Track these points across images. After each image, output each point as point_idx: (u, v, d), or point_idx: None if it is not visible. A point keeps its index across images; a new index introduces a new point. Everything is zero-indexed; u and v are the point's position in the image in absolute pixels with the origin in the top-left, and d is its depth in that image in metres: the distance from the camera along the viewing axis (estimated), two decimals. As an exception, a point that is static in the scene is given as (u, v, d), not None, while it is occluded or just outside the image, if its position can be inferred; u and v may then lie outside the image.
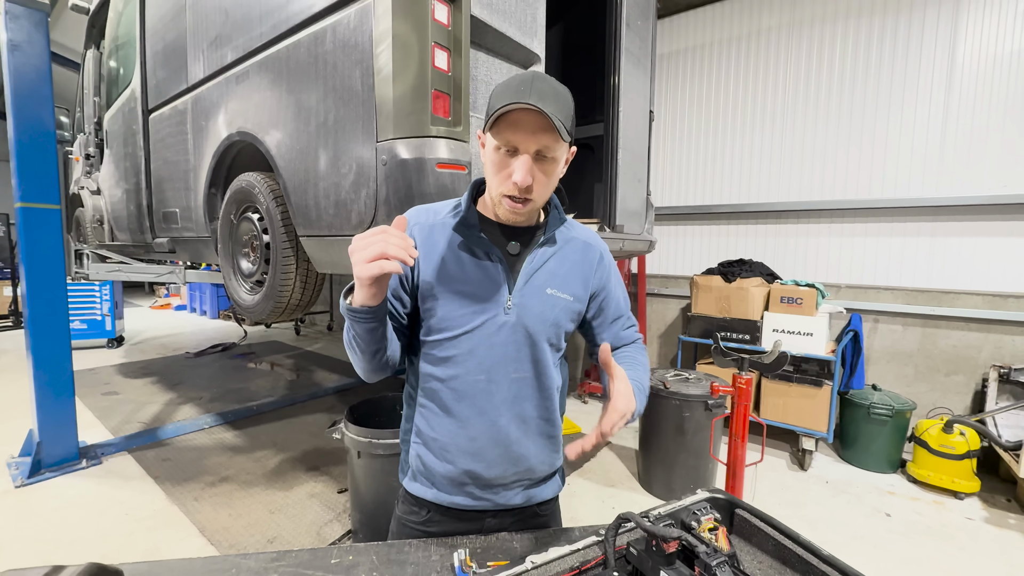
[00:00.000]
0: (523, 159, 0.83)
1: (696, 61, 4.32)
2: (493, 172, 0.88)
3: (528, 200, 0.88)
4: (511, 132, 0.83)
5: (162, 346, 6.64)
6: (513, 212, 0.90)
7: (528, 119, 0.81)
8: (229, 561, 0.88)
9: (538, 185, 0.86)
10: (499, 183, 0.87)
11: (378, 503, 2.06)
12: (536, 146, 0.83)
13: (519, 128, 0.82)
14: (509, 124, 0.82)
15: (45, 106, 2.80)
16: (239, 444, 3.40)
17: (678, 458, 2.76)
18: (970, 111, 3.19)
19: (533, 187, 0.85)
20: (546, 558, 0.77)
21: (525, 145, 0.83)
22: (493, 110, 0.82)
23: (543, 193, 0.89)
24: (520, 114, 0.81)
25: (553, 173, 0.88)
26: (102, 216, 3.69)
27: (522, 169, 0.83)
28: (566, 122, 0.82)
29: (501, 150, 0.85)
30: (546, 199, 0.92)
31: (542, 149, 0.83)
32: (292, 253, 1.96)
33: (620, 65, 2.51)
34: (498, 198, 0.90)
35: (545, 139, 0.82)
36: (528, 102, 0.78)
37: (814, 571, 0.79)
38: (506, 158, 0.85)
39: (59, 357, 2.92)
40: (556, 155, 0.85)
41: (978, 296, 3.20)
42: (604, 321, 1.06)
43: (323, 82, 1.70)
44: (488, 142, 0.87)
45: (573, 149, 0.92)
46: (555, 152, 0.85)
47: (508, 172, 0.85)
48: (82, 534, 2.32)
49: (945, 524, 2.57)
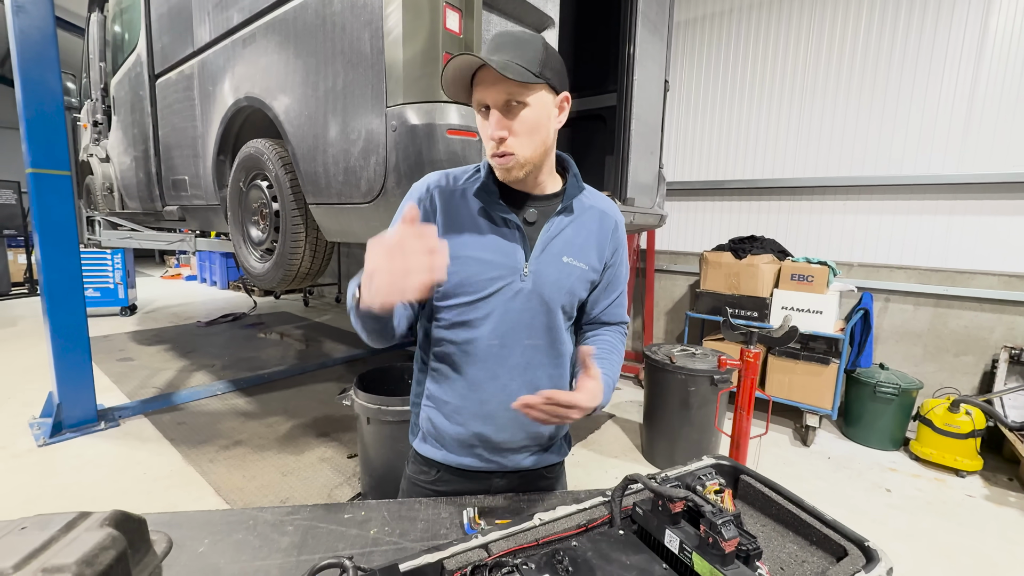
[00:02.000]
0: (492, 113, 0.85)
1: (714, 29, 4.17)
2: (484, 139, 0.89)
3: (509, 154, 0.86)
4: (477, 92, 0.86)
5: (174, 315, 6.74)
6: (500, 169, 0.89)
7: (488, 73, 0.82)
8: (247, 514, 0.91)
9: (515, 136, 0.85)
10: (487, 144, 0.89)
11: (387, 467, 2.12)
12: (502, 96, 0.83)
13: (481, 84, 0.84)
14: (476, 84, 0.85)
15: (52, 69, 2.77)
16: (251, 410, 3.49)
17: (682, 431, 2.79)
18: (1000, 83, 3.07)
19: (509, 139, 0.85)
20: (554, 515, 0.79)
21: (491, 98, 0.84)
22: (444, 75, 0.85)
23: (524, 144, 0.86)
24: (481, 72, 0.84)
25: (531, 121, 0.85)
26: (112, 184, 3.70)
27: (492, 121, 0.85)
28: (529, 65, 0.82)
29: (481, 112, 0.87)
30: (535, 152, 0.89)
31: (508, 97, 0.83)
32: (302, 221, 1.96)
33: (636, 31, 2.43)
34: (492, 162, 0.90)
35: (506, 87, 0.82)
36: (470, 53, 0.80)
37: (817, 534, 0.80)
38: (485, 120, 0.87)
39: (75, 321, 2.97)
40: (527, 99, 0.84)
41: (994, 276, 3.15)
42: (604, 293, 1.05)
43: (331, 45, 1.66)
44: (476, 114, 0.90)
45: (565, 95, 0.90)
46: (524, 97, 0.84)
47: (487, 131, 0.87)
48: (103, 491, 2.42)
49: (945, 501, 2.59)
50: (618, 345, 1.05)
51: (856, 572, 0.68)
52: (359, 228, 1.74)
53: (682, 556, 0.69)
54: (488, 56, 0.80)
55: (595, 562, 0.69)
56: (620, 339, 1.08)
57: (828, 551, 0.78)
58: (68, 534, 0.70)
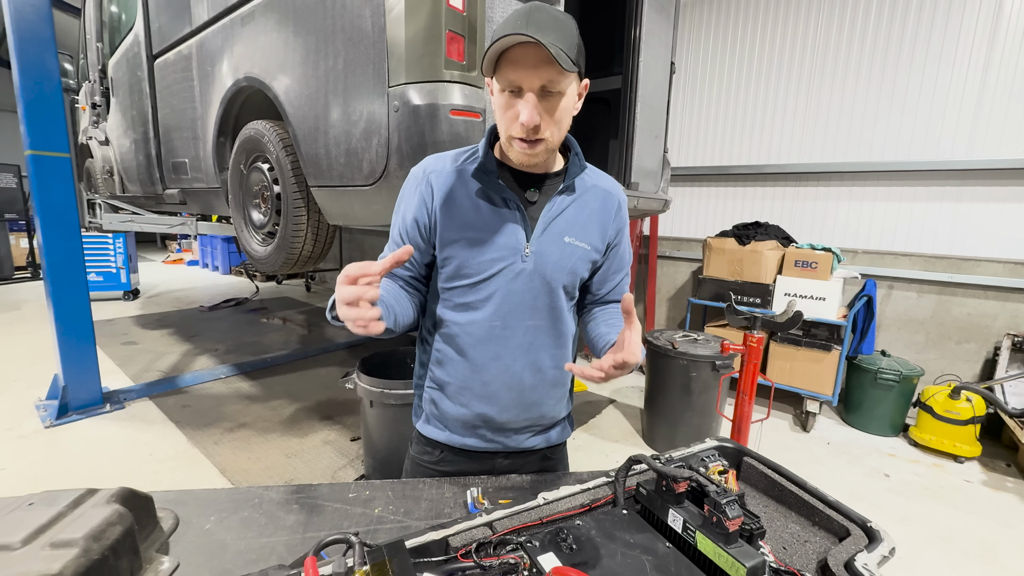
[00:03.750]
0: (528, 97, 0.80)
1: (720, 10, 4.08)
2: (501, 115, 0.85)
3: (539, 140, 0.84)
4: (512, 71, 0.79)
5: (176, 300, 6.76)
6: (525, 154, 0.86)
7: (527, 54, 0.77)
8: (253, 492, 0.92)
9: (547, 123, 0.83)
10: (507, 125, 0.85)
11: (390, 450, 2.14)
12: (539, 81, 0.79)
13: (519, 65, 0.78)
14: (509, 62, 0.79)
15: (48, 49, 2.73)
16: (255, 393, 3.51)
17: (683, 416, 2.81)
18: (1012, 68, 3.00)
19: (541, 126, 0.82)
20: (558, 495, 0.80)
21: (528, 82, 0.79)
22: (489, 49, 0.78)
23: (555, 132, 0.85)
24: (518, 50, 0.77)
25: (562, 108, 0.84)
26: (112, 167, 3.68)
27: (528, 107, 0.80)
28: (570, 51, 0.77)
29: (506, 92, 0.82)
30: (560, 138, 0.88)
31: (546, 84, 0.79)
32: (303, 204, 1.95)
33: (643, 11, 2.37)
34: (508, 142, 0.87)
35: (548, 72, 0.78)
36: (525, 33, 0.74)
37: (819, 515, 0.81)
38: (512, 99, 0.82)
39: (78, 304, 2.98)
40: (562, 88, 0.81)
41: (999, 264, 3.13)
42: (608, 272, 1.04)
43: (332, 22, 1.63)
44: (494, 87, 0.84)
45: (586, 82, 0.88)
46: (561, 85, 0.80)
47: (515, 113, 0.82)
48: (110, 472, 2.45)
49: (943, 486, 2.61)
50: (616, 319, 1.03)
51: (859, 551, 0.69)
52: (361, 211, 1.72)
53: (685, 535, 0.69)
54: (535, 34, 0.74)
55: (599, 540, 0.70)
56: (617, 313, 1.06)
57: (830, 531, 0.79)
58: (75, 510, 0.71)
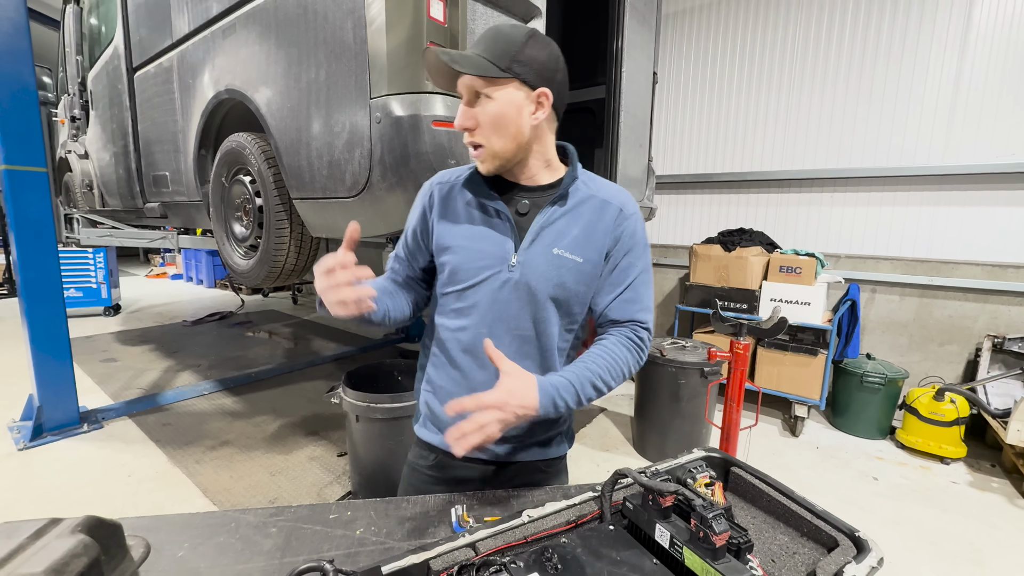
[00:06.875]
0: (462, 102, 0.89)
1: (701, 22, 4.16)
2: None
3: (479, 145, 0.89)
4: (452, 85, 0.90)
5: (159, 314, 6.63)
6: (476, 160, 0.93)
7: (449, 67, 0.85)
8: (228, 516, 0.89)
9: (481, 128, 0.88)
10: None
11: (377, 465, 2.10)
12: (466, 89, 0.87)
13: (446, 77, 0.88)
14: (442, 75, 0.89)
15: (24, 62, 2.68)
16: (239, 410, 3.44)
17: (672, 424, 2.80)
18: (983, 75, 3.10)
19: (476, 131, 0.88)
20: (542, 512, 0.78)
21: (461, 91, 0.89)
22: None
23: (492, 137, 0.88)
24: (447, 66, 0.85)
25: (495, 114, 0.86)
26: (91, 181, 3.61)
27: (459, 112, 0.89)
28: (501, 60, 0.83)
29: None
30: (506, 145, 0.89)
31: (473, 90, 0.86)
32: (286, 216, 1.92)
33: (625, 23, 2.41)
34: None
35: (468, 79, 0.86)
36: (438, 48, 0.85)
37: (807, 526, 0.80)
38: None
39: (54, 322, 2.90)
40: (490, 93, 0.86)
41: (977, 266, 3.19)
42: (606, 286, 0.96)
43: (313, 34, 1.62)
44: None
45: (541, 90, 0.87)
46: (486, 90, 0.86)
47: None
48: (86, 495, 2.37)
49: (930, 488, 2.63)
50: (614, 348, 0.92)
51: (847, 563, 0.68)
52: (344, 223, 1.68)
53: (673, 551, 0.68)
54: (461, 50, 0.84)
55: (584, 558, 0.68)
56: (625, 341, 0.94)
57: (819, 542, 0.78)
58: (37, 541, 0.67)
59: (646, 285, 0.97)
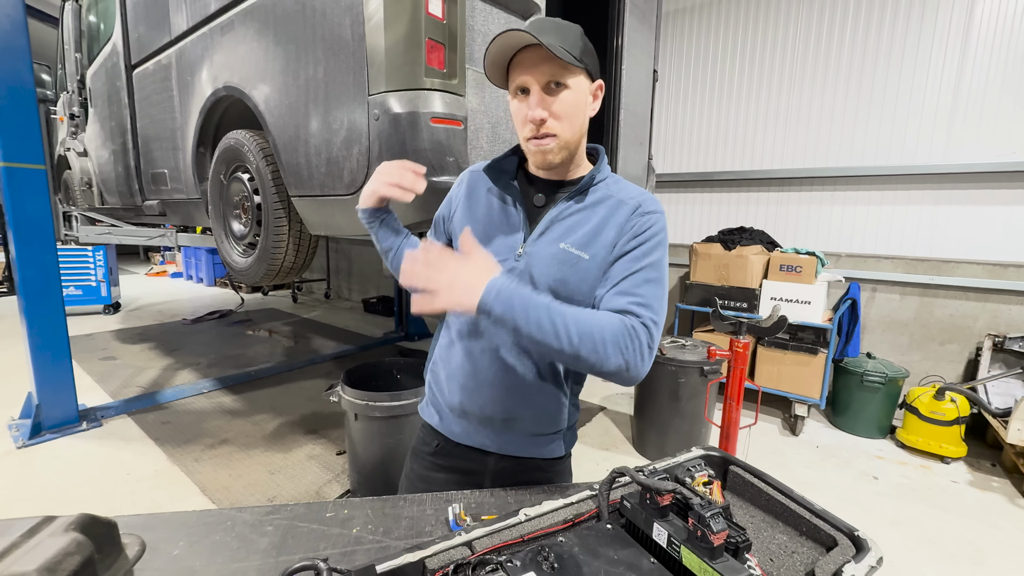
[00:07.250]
0: (534, 91, 0.84)
1: (702, 20, 4.15)
2: (518, 122, 0.89)
3: (550, 136, 0.86)
4: (517, 73, 0.85)
5: (159, 313, 6.62)
6: (539, 152, 0.88)
7: (529, 54, 0.82)
8: (225, 514, 0.88)
9: (556, 118, 0.85)
10: (522, 128, 0.88)
11: (376, 464, 2.09)
12: (544, 77, 0.83)
13: (522, 65, 0.84)
14: (515, 67, 0.85)
15: (23, 59, 2.67)
16: (238, 408, 3.43)
17: (672, 423, 2.80)
18: (985, 73, 3.09)
19: (549, 120, 0.85)
20: (539, 511, 0.77)
21: (534, 80, 0.83)
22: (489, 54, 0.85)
23: (566, 127, 0.86)
24: (521, 54, 0.83)
25: (572, 103, 0.85)
26: (90, 178, 3.60)
27: (533, 102, 0.84)
28: (573, 50, 0.81)
29: (518, 96, 0.87)
30: (574, 136, 0.88)
31: (551, 79, 0.83)
32: (284, 214, 1.91)
33: (625, 20, 2.40)
34: (526, 146, 0.90)
35: (550, 68, 0.82)
36: (525, 31, 0.78)
37: (806, 525, 0.79)
38: (523, 102, 0.86)
39: (53, 320, 2.89)
40: (569, 83, 0.84)
41: (978, 265, 3.18)
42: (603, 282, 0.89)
43: (311, 31, 1.61)
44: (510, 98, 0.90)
45: (599, 83, 0.90)
46: (567, 79, 0.83)
47: (525, 114, 0.86)
48: (84, 493, 2.36)
49: (931, 487, 2.63)
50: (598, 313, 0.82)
51: (846, 562, 0.67)
52: (342, 220, 1.70)
53: (670, 550, 0.67)
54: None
55: (581, 557, 0.68)
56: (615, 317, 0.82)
57: (818, 541, 0.77)
58: (30, 540, 0.66)
59: (650, 283, 0.86)
